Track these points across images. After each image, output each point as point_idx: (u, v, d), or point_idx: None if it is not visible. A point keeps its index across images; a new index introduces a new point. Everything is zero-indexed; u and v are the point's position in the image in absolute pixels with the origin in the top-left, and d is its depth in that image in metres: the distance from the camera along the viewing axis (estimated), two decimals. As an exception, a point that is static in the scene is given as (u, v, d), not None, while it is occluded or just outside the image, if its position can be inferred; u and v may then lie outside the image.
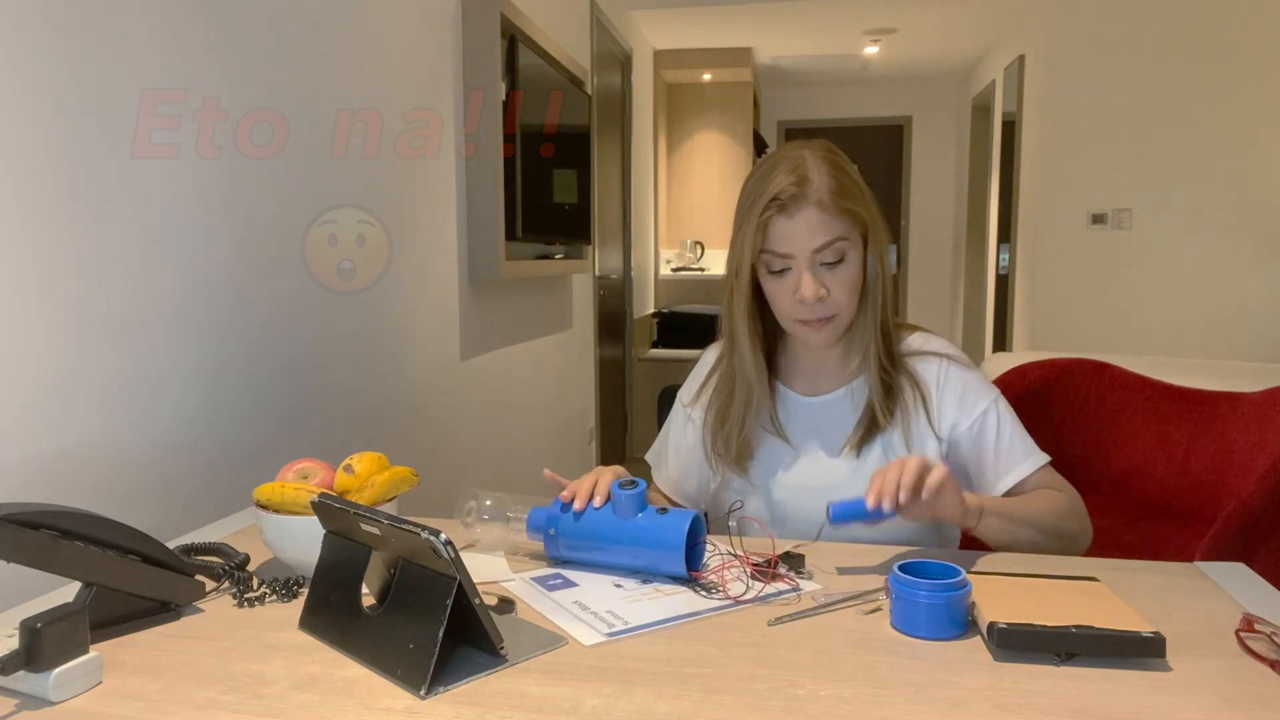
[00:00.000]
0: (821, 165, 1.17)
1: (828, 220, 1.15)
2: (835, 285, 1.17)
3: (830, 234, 1.15)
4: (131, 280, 1.27)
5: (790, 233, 1.16)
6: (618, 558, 1.03)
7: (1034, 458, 1.22)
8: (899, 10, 5.11)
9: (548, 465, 3.46)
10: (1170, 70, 4.54)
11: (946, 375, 1.25)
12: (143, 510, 1.29)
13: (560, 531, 1.05)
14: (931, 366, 1.25)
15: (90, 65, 1.20)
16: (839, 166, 1.19)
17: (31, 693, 0.74)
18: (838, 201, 1.15)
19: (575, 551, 1.05)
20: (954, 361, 1.26)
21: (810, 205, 1.15)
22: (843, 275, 1.17)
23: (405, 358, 2.15)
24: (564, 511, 1.06)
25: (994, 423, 1.23)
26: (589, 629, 0.88)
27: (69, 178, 1.17)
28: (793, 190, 1.15)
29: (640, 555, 1.01)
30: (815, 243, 1.15)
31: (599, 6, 4.07)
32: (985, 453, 1.22)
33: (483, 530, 1.11)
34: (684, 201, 6.12)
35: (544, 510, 1.08)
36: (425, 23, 2.25)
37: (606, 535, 1.03)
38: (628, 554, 1.02)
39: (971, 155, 6.64)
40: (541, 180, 2.93)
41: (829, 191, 1.15)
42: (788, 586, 0.99)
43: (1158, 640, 0.78)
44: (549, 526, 1.06)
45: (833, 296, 1.18)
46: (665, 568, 1.01)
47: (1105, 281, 4.71)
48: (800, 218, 1.15)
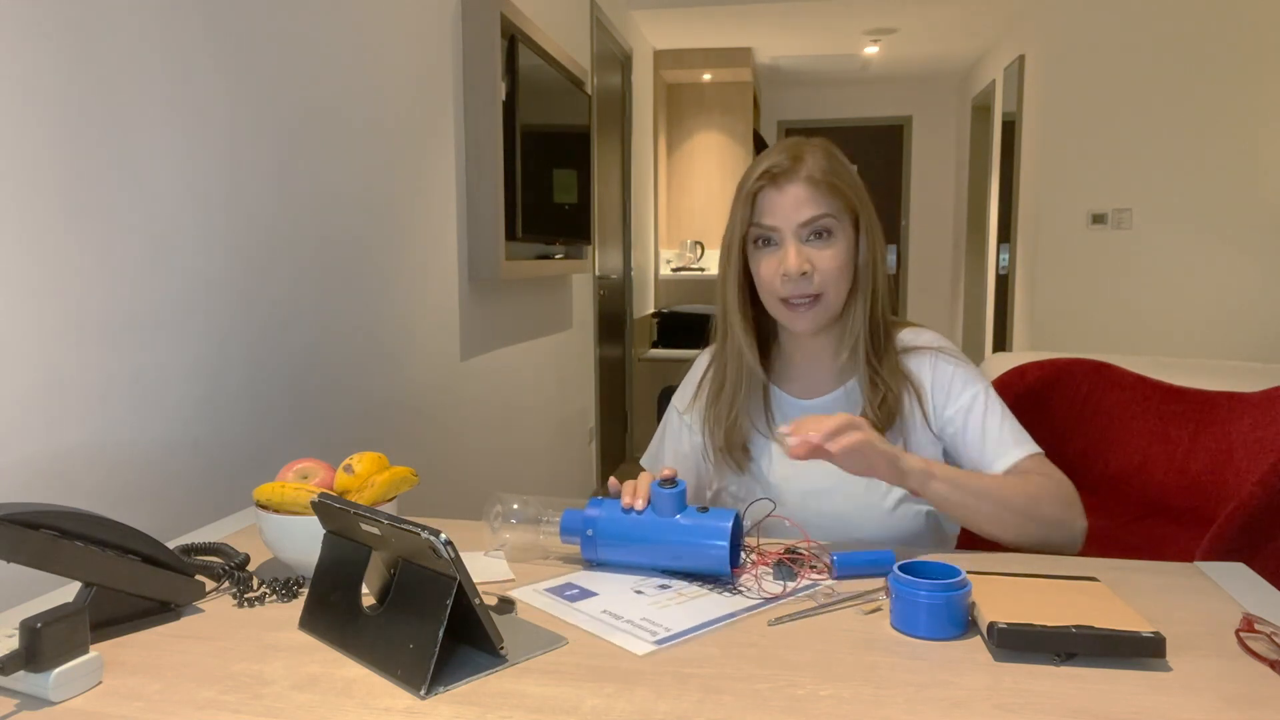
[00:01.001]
0: (816, 150, 1.21)
1: (817, 196, 1.17)
2: (820, 261, 1.18)
3: (818, 209, 1.17)
4: (131, 280, 1.27)
5: (778, 204, 1.18)
6: (659, 558, 1.02)
7: (1024, 446, 1.19)
8: (899, 10, 5.11)
9: (547, 465, 3.46)
10: (1170, 70, 4.54)
11: (935, 369, 1.24)
12: (143, 510, 1.29)
13: (599, 533, 1.04)
14: (922, 362, 1.25)
15: (90, 65, 1.20)
16: (834, 156, 1.22)
17: (31, 693, 0.74)
18: (828, 179, 1.18)
19: (614, 553, 1.04)
20: (941, 354, 1.25)
21: (800, 180, 1.18)
22: (828, 252, 1.18)
23: (405, 358, 2.15)
24: (625, 513, 1.04)
25: (980, 411, 1.21)
26: (634, 639, 0.86)
27: (69, 178, 1.17)
28: (785, 165, 1.18)
29: (682, 555, 1.01)
30: (802, 216, 1.17)
31: (599, 6, 4.07)
32: (973, 440, 1.20)
33: (511, 534, 1.10)
34: (684, 201, 6.12)
35: (579, 513, 1.06)
36: (425, 23, 2.25)
37: (648, 535, 1.02)
38: (669, 553, 1.01)
39: (971, 155, 6.64)
40: (541, 180, 2.93)
41: (821, 170, 1.18)
42: (816, 580, 1.00)
43: (1158, 640, 0.78)
44: (586, 528, 1.05)
45: (817, 273, 1.18)
46: (708, 566, 1.00)
47: (1105, 281, 4.71)
48: (790, 190, 1.18)
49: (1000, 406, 1.22)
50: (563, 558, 1.10)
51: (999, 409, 1.22)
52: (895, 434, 1.22)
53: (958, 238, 7.16)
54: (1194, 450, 2.08)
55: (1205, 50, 4.50)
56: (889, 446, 1.05)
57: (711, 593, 0.98)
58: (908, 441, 1.22)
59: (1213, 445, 2.04)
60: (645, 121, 5.29)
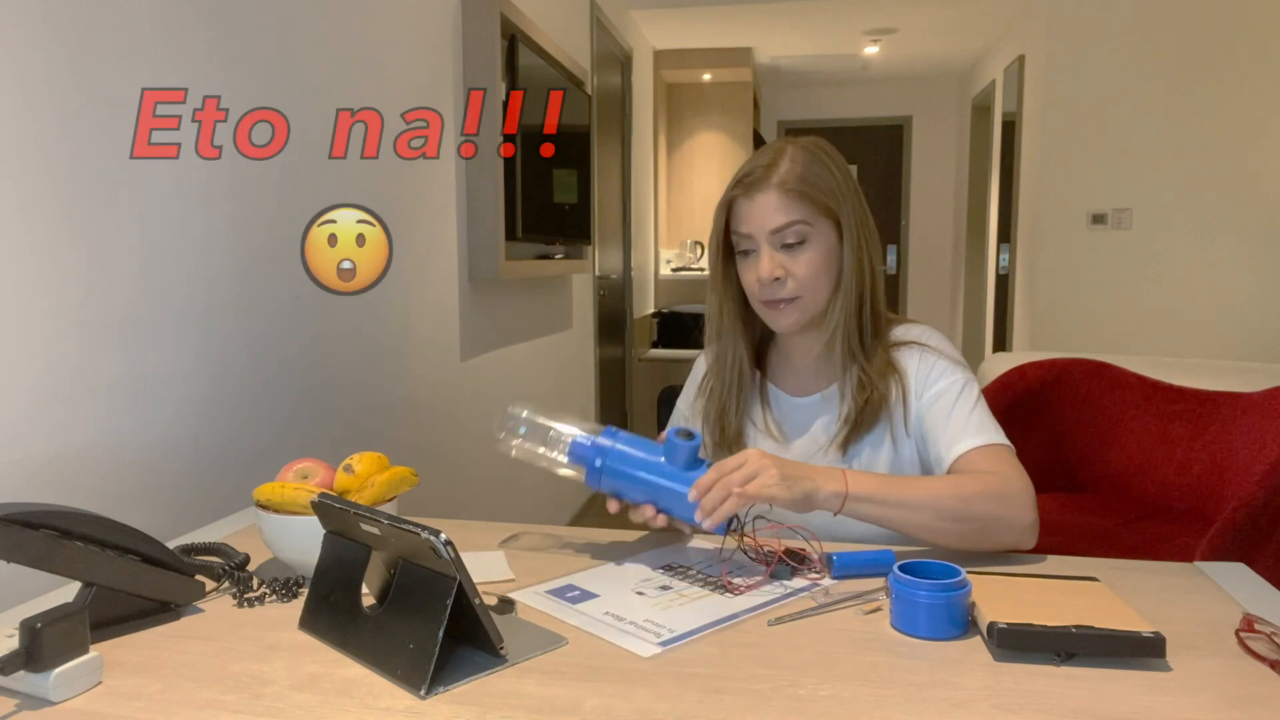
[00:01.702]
0: (798, 155, 1.20)
1: (787, 203, 1.18)
2: (795, 266, 1.19)
3: (789, 216, 1.18)
4: (132, 280, 1.27)
5: (750, 213, 1.19)
6: (661, 500, 1.05)
7: (982, 437, 1.14)
8: (899, 10, 5.11)
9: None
10: (1170, 70, 4.54)
11: (920, 363, 1.23)
12: (143, 510, 1.28)
13: (606, 465, 1.06)
14: (910, 357, 1.24)
15: (91, 66, 1.20)
16: (817, 159, 1.21)
17: (31, 693, 0.74)
18: (800, 187, 1.18)
19: (617, 486, 1.07)
20: (928, 348, 1.24)
21: (771, 188, 1.18)
22: (803, 258, 1.19)
23: (405, 358, 2.15)
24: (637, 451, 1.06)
25: (952, 398, 1.18)
26: (639, 640, 0.86)
27: (70, 179, 1.17)
28: (759, 174, 1.19)
29: (678, 506, 1.04)
30: (773, 223, 1.18)
31: (599, 6, 4.06)
32: (936, 426, 1.18)
33: (518, 447, 1.11)
34: (684, 201, 6.11)
35: (590, 441, 1.08)
36: (425, 23, 2.25)
37: (653, 479, 1.04)
38: (668, 500, 1.04)
39: (971, 155, 6.64)
40: (541, 180, 2.93)
41: (794, 177, 1.18)
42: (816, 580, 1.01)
43: (1158, 640, 0.78)
44: (596, 457, 1.06)
45: (793, 278, 1.19)
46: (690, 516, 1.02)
47: (1105, 281, 4.70)
48: (760, 199, 1.18)
49: (975, 398, 1.19)
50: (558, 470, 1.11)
51: (972, 400, 1.19)
52: (881, 432, 1.22)
53: (958, 238, 7.16)
54: (1194, 450, 2.08)
55: (1205, 50, 4.49)
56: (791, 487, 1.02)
57: (713, 593, 0.98)
58: (895, 436, 1.22)
59: (1213, 445, 2.04)
60: (645, 121, 5.29)
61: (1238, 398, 2.04)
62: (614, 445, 1.07)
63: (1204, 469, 2.04)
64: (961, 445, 1.15)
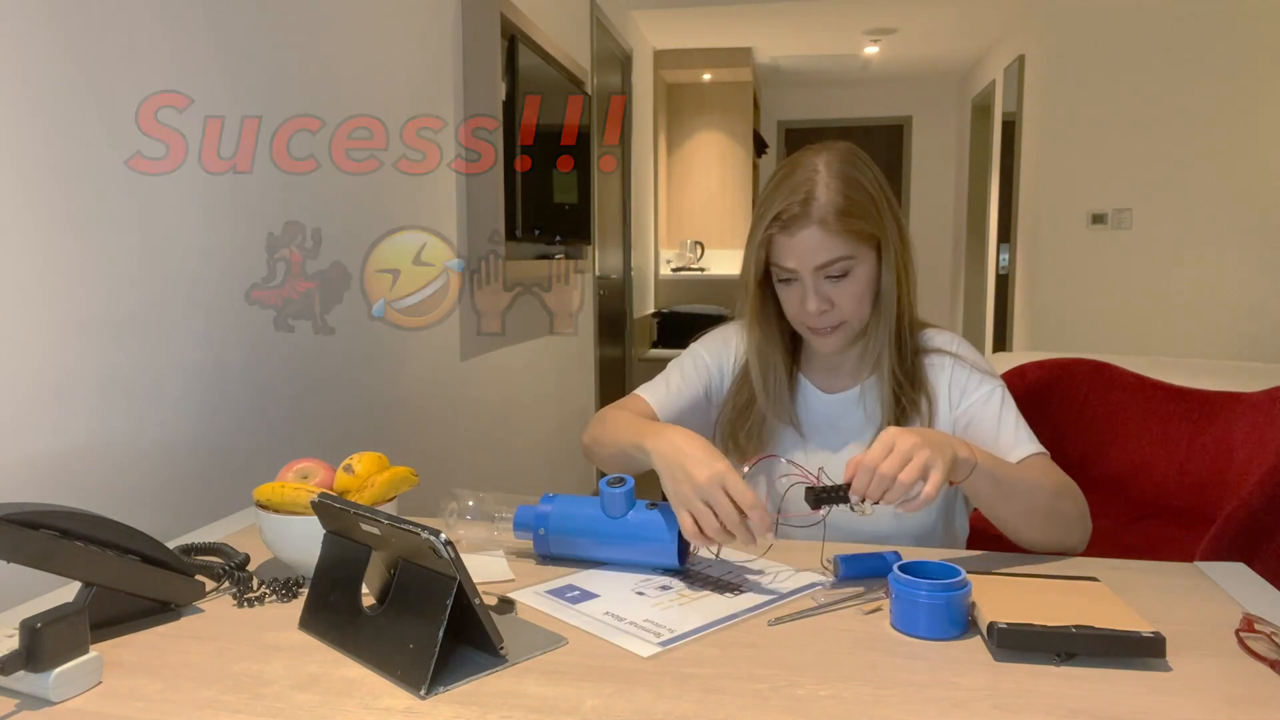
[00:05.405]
0: (832, 181, 1.15)
1: (830, 240, 1.15)
2: (840, 297, 1.18)
3: (832, 254, 1.15)
4: (132, 281, 1.27)
5: (791, 250, 1.16)
6: (609, 554, 1.06)
7: (1034, 444, 1.19)
8: (899, 10, 5.11)
9: (546, 465, 3.46)
10: (1170, 70, 4.54)
11: (953, 374, 1.24)
12: (143, 510, 1.28)
13: (550, 530, 1.07)
14: (941, 367, 1.25)
15: (93, 70, 1.20)
16: (852, 180, 1.17)
17: (31, 693, 0.74)
18: (842, 222, 1.14)
19: (566, 549, 1.07)
20: (958, 358, 1.26)
21: (813, 225, 1.14)
22: (848, 289, 1.18)
23: (405, 358, 2.15)
24: (576, 511, 1.07)
25: (997, 404, 1.21)
26: (639, 640, 0.86)
27: (71, 180, 1.17)
28: (795, 210, 1.14)
29: (632, 551, 1.05)
30: (817, 260, 1.16)
31: (599, 6, 4.06)
32: (986, 431, 1.20)
33: (465, 530, 1.13)
34: (684, 201, 6.11)
35: (531, 509, 1.09)
36: (425, 23, 2.25)
37: (598, 532, 1.06)
38: (619, 550, 1.05)
39: (971, 155, 6.64)
40: (541, 180, 2.93)
41: (834, 211, 1.14)
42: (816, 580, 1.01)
43: (1158, 640, 0.78)
44: (538, 526, 1.07)
45: (838, 308, 1.19)
46: (658, 561, 1.04)
47: (1105, 281, 4.70)
48: (801, 236, 1.15)
49: (1015, 407, 1.23)
50: (515, 552, 1.11)
51: (1013, 409, 1.22)
52: None
53: (958, 238, 7.15)
54: (1194, 450, 2.08)
55: (1205, 50, 4.49)
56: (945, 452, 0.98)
57: (714, 594, 0.98)
58: None
59: (1213, 445, 2.04)
60: (645, 122, 5.29)
61: (1238, 398, 2.03)
62: (552, 509, 1.07)
63: (1204, 469, 2.04)
64: (1020, 451, 1.17)
